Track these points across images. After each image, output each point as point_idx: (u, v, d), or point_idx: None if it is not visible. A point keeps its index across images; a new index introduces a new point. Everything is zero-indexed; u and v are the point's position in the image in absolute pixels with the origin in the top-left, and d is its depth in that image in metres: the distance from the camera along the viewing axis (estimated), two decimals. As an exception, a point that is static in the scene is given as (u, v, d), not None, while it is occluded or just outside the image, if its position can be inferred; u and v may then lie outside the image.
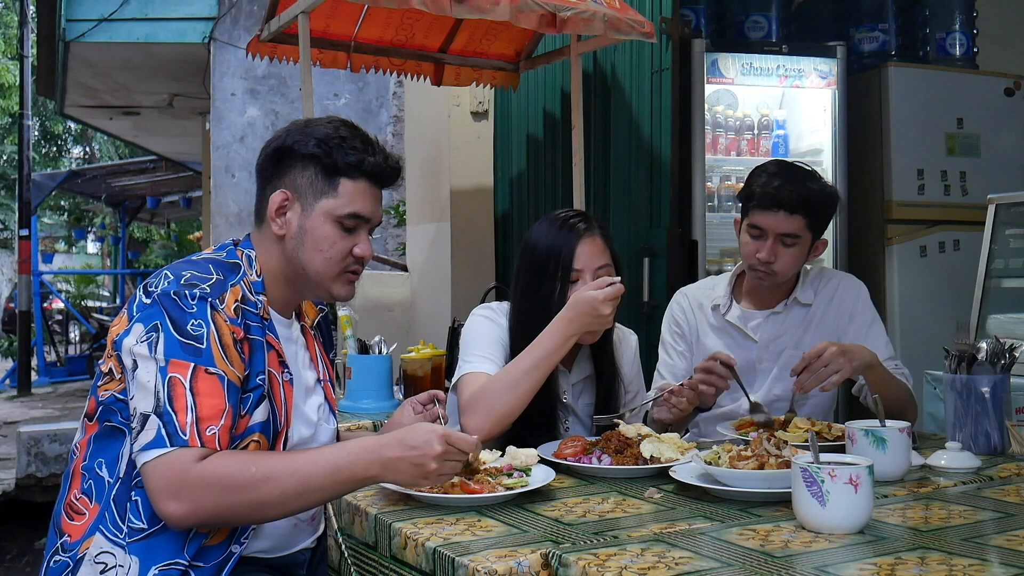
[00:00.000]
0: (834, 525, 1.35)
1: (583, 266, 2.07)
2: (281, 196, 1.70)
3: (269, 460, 1.52)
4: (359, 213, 1.69)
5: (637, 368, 2.38)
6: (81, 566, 1.57)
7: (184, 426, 1.49)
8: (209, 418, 1.50)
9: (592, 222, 2.14)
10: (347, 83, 7.50)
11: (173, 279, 1.59)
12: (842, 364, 2.03)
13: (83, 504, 1.61)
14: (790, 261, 2.30)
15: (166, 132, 11.49)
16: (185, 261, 1.67)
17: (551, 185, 4.26)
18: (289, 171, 1.71)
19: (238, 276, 1.65)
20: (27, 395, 10.10)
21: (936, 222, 4.09)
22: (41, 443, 5.89)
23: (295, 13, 3.27)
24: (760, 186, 2.28)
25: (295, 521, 1.72)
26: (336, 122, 1.73)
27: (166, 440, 1.48)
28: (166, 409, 1.50)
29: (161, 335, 1.53)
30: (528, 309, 2.10)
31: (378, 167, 1.71)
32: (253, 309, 1.64)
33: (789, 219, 2.24)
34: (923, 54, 4.45)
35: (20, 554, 5.63)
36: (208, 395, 1.51)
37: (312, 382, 1.81)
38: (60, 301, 13.46)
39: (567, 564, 1.24)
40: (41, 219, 17.91)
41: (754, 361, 2.41)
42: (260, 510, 1.52)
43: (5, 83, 16.67)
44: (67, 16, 7.82)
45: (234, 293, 1.61)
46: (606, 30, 3.20)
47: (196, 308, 1.55)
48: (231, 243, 1.75)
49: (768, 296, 2.42)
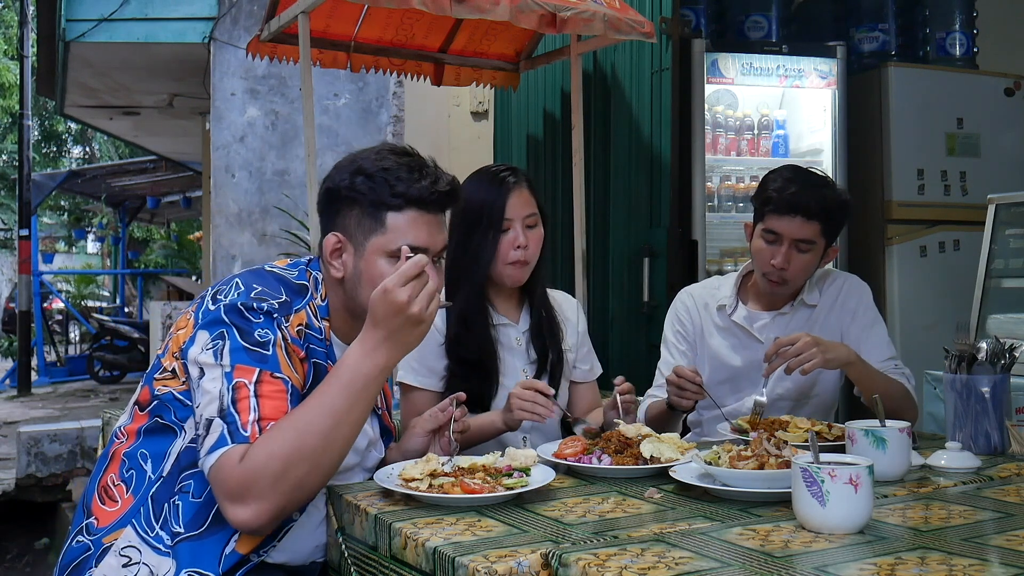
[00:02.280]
0: (834, 525, 1.35)
1: (513, 215, 2.19)
2: (334, 240, 1.68)
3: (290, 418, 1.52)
4: (412, 244, 1.64)
5: (583, 334, 2.44)
6: (106, 555, 1.56)
7: (246, 424, 1.49)
8: (270, 417, 1.51)
9: (520, 175, 2.25)
10: (347, 83, 7.49)
11: (244, 290, 1.59)
12: (814, 353, 2.06)
13: (119, 492, 1.60)
14: (803, 267, 2.30)
15: (166, 132, 11.48)
16: (254, 273, 1.66)
17: (551, 185, 4.26)
18: (339, 213, 1.68)
19: (304, 300, 1.65)
20: (27, 395, 10.09)
21: (936, 222, 4.09)
22: (41, 443, 5.89)
23: (295, 13, 3.26)
24: (776, 191, 2.27)
25: (317, 543, 1.72)
26: (383, 151, 1.69)
27: (228, 438, 1.48)
28: (230, 411, 1.50)
29: (227, 342, 1.54)
30: (460, 261, 2.20)
31: (425, 192, 1.65)
32: (317, 334, 1.64)
33: (806, 225, 2.24)
34: (923, 54, 4.45)
35: (20, 554, 5.63)
36: (271, 397, 1.52)
37: None
38: (60, 301, 13.44)
39: (567, 564, 1.24)
40: (41, 219, 17.91)
41: (759, 362, 2.40)
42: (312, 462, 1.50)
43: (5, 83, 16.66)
44: (67, 16, 7.81)
45: (298, 318, 1.62)
46: (606, 30, 3.20)
47: (263, 319, 1.56)
48: (304, 262, 1.74)
49: (775, 297, 2.43)
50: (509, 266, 2.20)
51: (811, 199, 2.24)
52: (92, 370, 11.10)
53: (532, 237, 2.21)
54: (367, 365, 1.53)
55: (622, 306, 3.92)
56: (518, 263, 2.20)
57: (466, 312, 2.20)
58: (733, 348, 2.43)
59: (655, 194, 3.76)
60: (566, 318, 2.39)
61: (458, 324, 2.21)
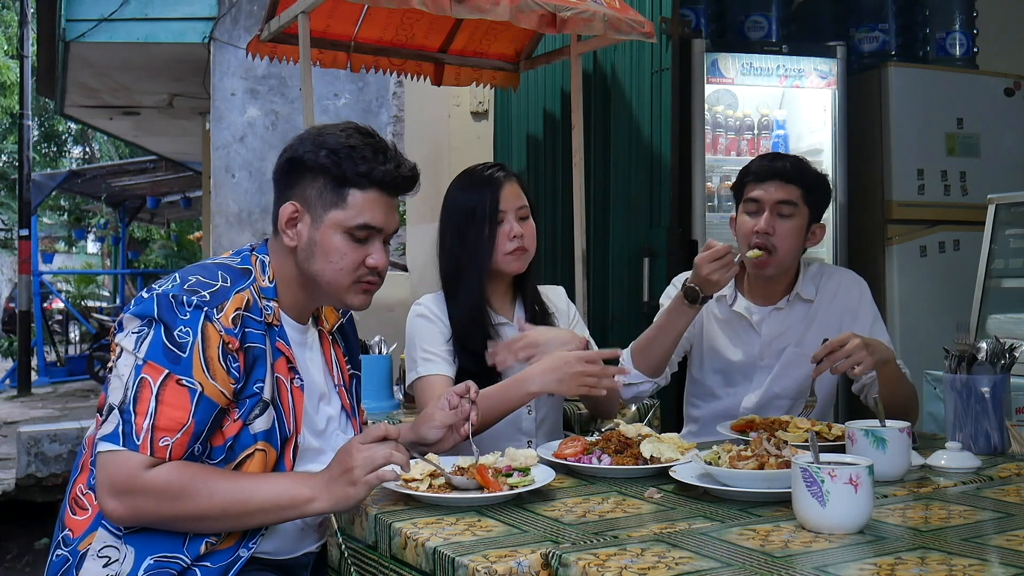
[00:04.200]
0: (834, 525, 1.35)
1: (506, 207, 2.23)
2: (291, 208, 1.69)
3: (216, 477, 1.53)
4: (369, 224, 1.68)
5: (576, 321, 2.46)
6: (84, 561, 1.58)
7: (140, 430, 1.50)
8: (166, 429, 1.51)
9: (507, 170, 2.31)
10: (347, 83, 7.50)
11: (179, 282, 1.60)
12: (863, 357, 2.04)
13: (88, 500, 1.62)
14: (788, 235, 2.30)
15: (166, 132, 11.49)
16: (198, 265, 1.68)
17: (551, 185, 4.26)
18: (299, 182, 1.70)
19: (247, 282, 1.65)
20: (27, 395, 10.10)
21: (936, 222, 4.09)
22: (41, 443, 5.89)
23: (295, 13, 3.27)
24: (755, 165, 2.37)
25: (302, 525, 1.72)
26: (349, 129, 1.71)
27: (120, 438, 1.50)
28: (128, 408, 1.51)
29: (150, 334, 1.55)
30: (459, 259, 2.26)
31: (388, 176, 1.68)
32: (256, 316, 1.63)
33: (785, 187, 2.30)
34: (923, 54, 4.45)
35: (20, 554, 5.62)
36: (172, 406, 1.52)
37: (326, 388, 1.80)
38: (60, 301, 13.45)
39: (567, 564, 1.24)
40: (41, 219, 17.90)
41: (756, 357, 2.41)
42: (199, 523, 1.54)
43: (5, 83, 16.66)
44: (67, 16, 7.81)
45: (237, 300, 1.61)
46: (606, 30, 3.20)
47: (189, 316, 1.56)
48: (248, 248, 1.75)
49: (770, 291, 2.42)
50: (509, 256, 2.24)
51: (786, 163, 2.35)
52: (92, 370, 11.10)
53: (527, 229, 2.26)
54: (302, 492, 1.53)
55: (622, 306, 3.92)
56: (517, 251, 2.24)
57: (471, 307, 2.24)
58: (731, 341, 2.44)
59: (655, 194, 3.75)
60: (556, 308, 2.42)
61: (464, 320, 2.24)
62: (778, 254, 2.31)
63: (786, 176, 2.30)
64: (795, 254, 2.36)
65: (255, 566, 1.64)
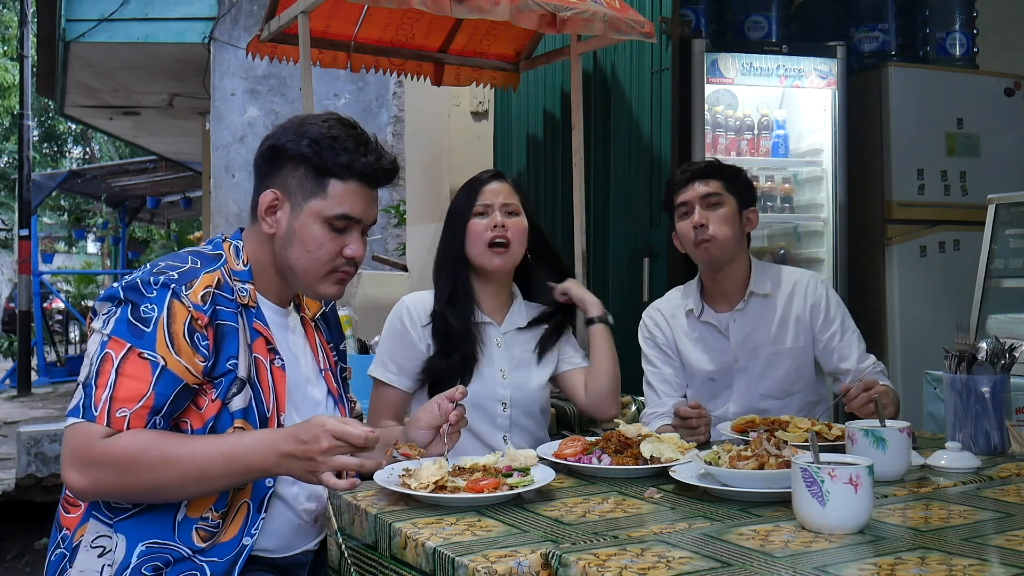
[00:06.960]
0: (834, 525, 1.35)
1: (490, 201, 2.30)
2: (271, 196, 1.71)
3: (172, 443, 1.53)
4: (348, 214, 1.69)
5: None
6: (78, 553, 1.58)
7: (98, 402, 1.51)
8: (124, 399, 1.52)
9: (499, 172, 2.39)
10: (347, 83, 7.50)
11: (148, 269, 1.62)
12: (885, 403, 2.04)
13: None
14: (722, 221, 2.40)
15: (166, 132, 11.49)
16: (171, 254, 1.70)
17: (551, 185, 4.26)
18: (280, 170, 1.71)
19: (218, 264, 1.67)
20: (27, 395, 10.10)
21: (936, 222, 4.09)
22: (41, 443, 5.89)
23: (295, 13, 3.26)
24: (675, 176, 2.53)
25: (299, 522, 1.72)
26: (331, 120, 1.72)
27: (80, 411, 1.51)
28: (90, 382, 1.53)
29: (117, 313, 1.57)
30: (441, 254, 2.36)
31: (369, 167, 1.70)
32: (227, 294, 1.65)
33: (706, 183, 2.43)
34: (923, 54, 4.45)
35: (20, 554, 5.62)
36: (131, 377, 1.53)
37: (312, 373, 1.81)
38: (60, 301, 13.45)
39: (567, 564, 1.24)
40: (41, 219, 17.90)
41: (731, 362, 2.45)
42: (158, 491, 1.54)
43: (5, 83, 16.66)
44: (67, 16, 7.82)
45: (207, 279, 1.62)
46: (606, 30, 3.20)
47: (156, 293, 1.58)
48: (220, 237, 1.77)
49: (729, 293, 2.47)
50: (488, 249, 2.27)
51: (699, 165, 2.53)
52: (92, 370, 11.07)
53: (511, 224, 2.29)
54: (259, 456, 1.53)
55: (622, 306, 3.92)
56: (497, 246, 2.27)
57: (449, 288, 2.30)
58: (704, 352, 2.48)
59: (655, 194, 3.75)
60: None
61: (444, 299, 2.30)
62: (718, 240, 2.40)
63: (704, 174, 2.45)
64: (736, 238, 2.43)
65: (253, 566, 1.64)
